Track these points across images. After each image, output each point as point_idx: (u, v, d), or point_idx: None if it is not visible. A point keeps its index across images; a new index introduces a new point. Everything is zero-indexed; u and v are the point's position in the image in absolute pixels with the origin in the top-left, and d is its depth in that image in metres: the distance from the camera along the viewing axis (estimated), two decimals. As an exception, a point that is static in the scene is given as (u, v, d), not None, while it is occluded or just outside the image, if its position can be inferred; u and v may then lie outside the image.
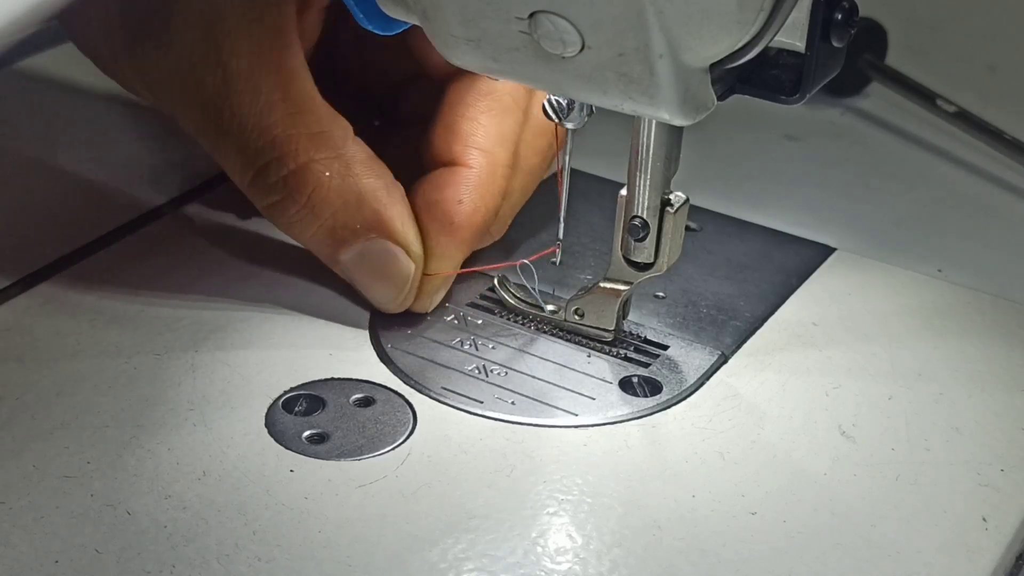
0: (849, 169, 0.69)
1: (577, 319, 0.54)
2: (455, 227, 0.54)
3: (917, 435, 0.50)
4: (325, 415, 0.50)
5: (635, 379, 0.53)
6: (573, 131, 0.51)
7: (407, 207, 0.54)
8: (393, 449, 0.49)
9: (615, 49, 0.42)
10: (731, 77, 0.45)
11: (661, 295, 0.57)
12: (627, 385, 0.52)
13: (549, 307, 0.55)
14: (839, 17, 0.44)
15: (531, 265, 0.55)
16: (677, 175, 0.50)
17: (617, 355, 0.54)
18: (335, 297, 0.56)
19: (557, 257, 0.54)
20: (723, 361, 0.54)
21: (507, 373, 0.53)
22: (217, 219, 0.61)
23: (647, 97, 0.43)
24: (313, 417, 0.50)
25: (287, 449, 0.48)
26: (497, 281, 0.56)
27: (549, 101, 0.49)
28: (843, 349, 0.55)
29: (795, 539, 0.46)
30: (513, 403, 0.51)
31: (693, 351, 0.54)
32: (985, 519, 0.47)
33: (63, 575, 0.43)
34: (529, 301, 0.56)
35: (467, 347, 0.54)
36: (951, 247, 0.63)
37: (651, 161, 0.50)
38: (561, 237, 0.54)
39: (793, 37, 0.45)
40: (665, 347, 0.54)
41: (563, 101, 0.49)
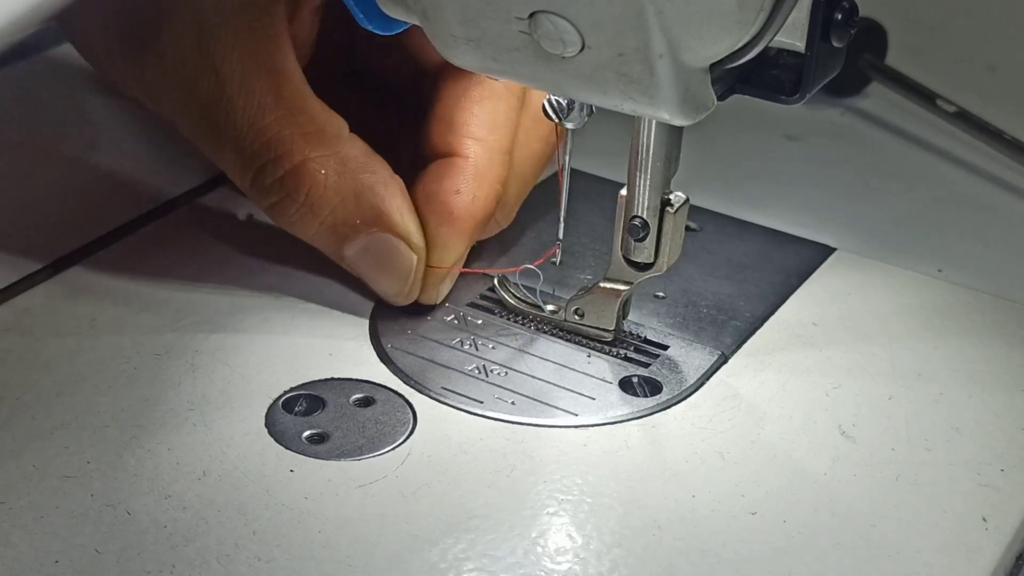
0: (849, 169, 0.69)
1: (577, 319, 0.54)
2: (454, 217, 0.54)
3: (917, 435, 0.50)
4: (325, 415, 0.50)
5: (635, 379, 0.53)
6: (573, 131, 0.51)
7: (406, 200, 0.54)
8: (393, 449, 0.49)
9: (615, 49, 0.42)
10: (731, 77, 0.45)
11: (661, 295, 0.57)
12: (627, 385, 0.52)
13: (549, 307, 0.55)
14: (839, 17, 0.44)
15: (537, 270, 0.55)
16: (677, 175, 0.50)
17: (617, 355, 0.54)
18: (335, 297, 0.56)
19: (557, 257, 0.55)
20: (723, 361, 0.54)
21: (507, 373, 0.53)
22: (216, 220, 0.61)
23: (647, 97, 0.43)
24: (313, 417, 0.50)
25: (287, 449, 0.48)
26: (497, 281, 0.56)
27: (549, 101, 0.50)
28: (843, 349, 0.55)
29: (795, 539, 0.46)
30: (513, 403, 0.51)
31: (693, 351, 0.54)
32: (985, 519, 0.47)
33: (63, 575, 0.43)
34: (529, 301, 0.56)
35: (467, 347, 0.54)
36: (951, 247, 0.63)
37: (651, 161, 0.50)
38: (561, 237, 0.54)
39: (793, 37, 0.45)
40: (665, 347, 0.54)
41: (563, 101, 0.49)
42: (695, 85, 0.43)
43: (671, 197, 0.51)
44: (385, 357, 0.53)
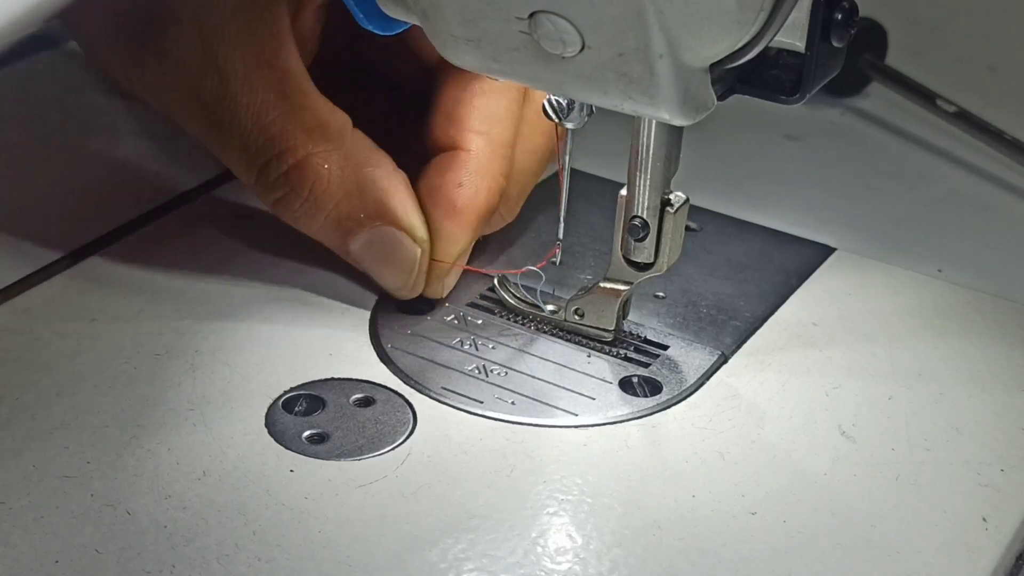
0: (849, 169, 0.69)
1: (577, 319, 0.54)
2: (458, 210, 0.55)
3: (917, 435, 0.50)
4: (325, 415, 0.50)
5: (635, 379, 0.53)
6: (573, 131, 0.51)
7: (410, 193, 0.55)
8: (393, 449, 0.49)
9: (615, 49, 0.42)
10: (731, 77, 0.45)
11: (661, 295, 0.57)
12: (627, 385, 0.52)
13: (549, 307, 0.55)
14: (839, 17, 0.44)
15: (540, 271, 0.55)
16: (677, 175, 0.50)
17: (617, 355, 0.54)
18: (336, 297, 0.56)
19: (557, 257, 0.55)
20: (723, 361, 0.54)
21: (507, 373, 0.53)
22: (216, 220, 0.61)
23: (647, 97, 0.43)
24: (313, 417, 0.50)
25: (287, 449, 0.48)
26: (497, 281, 0.56)
27: (549, 101, 0.50)
28: (843, 349, 0.55)
29: (795, 539, 0.46)
30: (513, 403, 0.51)
31: (693, 351, 0.54)
32: (985, 519, 0.47)
33: (63, 575, 0.43)
34: (529, 301, 0.56)
35: (467, 347, 0.54)
36: (951, 247, 0.63)
37: (651, 161, 0.50)
38: (561, 237, 0.54)
39: (793, 37, 0.45)
40: (665, 347, 0.54)
41: (563, 101, 0.49)
42: (695, 85, 0.43)
43: (671, 197, 0.51)
44: (385, 357, 0.53)
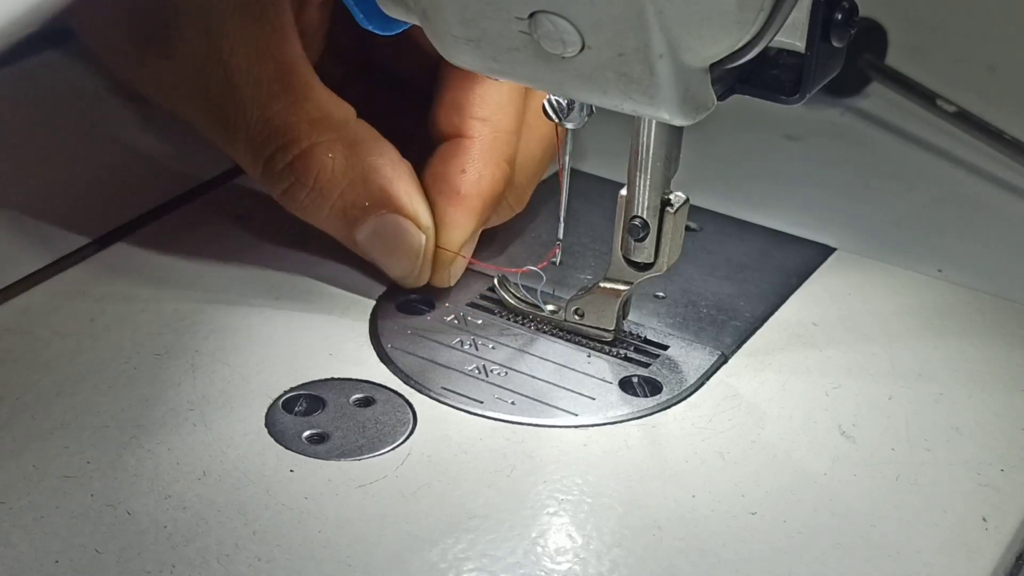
0: (849, 169, 0.69)
1: (577, 319, 0.54)
2: (461, 196, 0.55)
3: (917, 435, 0.50)
4: (325, 415, 0.50)
5: (635, 379, 0.53)
6: (573, 131, 0.51)
7: (414, 181, 0.55)
8: (393, 449, 0.49)
9: (615, 49, 0.42)
10: (731, 77, 0.45)
11: (661, 295, 0.57)
12: (627, 385, 0.52)
13: (549, 307, 0.55)
14: (839, 17, 0.44)
15: (541, 273, 0.55)
16: (677, 175, 0.50)
17: (617, 355, 0.54)
18: (335, 297, 0.56)
19: (557, 257, 0.55)
20: (723, 361, 0.54)
21: (507, 373, 0.53)
22: (217, 220, 0.61)
23: (647, 97, 0.43)
24: (313, 417, 0.50)
25: (287, 449, 0.48)
26: (497, 281, 0.56)
27: (549, 101, 0.50)
28: (843, 349, 0.55)
29: (795, 539, 0.46)
30: (513, 403, 0.51)
31: (693, 351, 0.54)
32: (985, 519, 0.47)
33: (63, 575, 0.43)
34: (529, 301, 0.56)
35: (467, 347, 0.54)
36: (951, 247, 0.63)
37: (651, 161, 0.50)
38: (561, 237, 0.54)
39: (793, 37, 0.45)
40: (665, 347, 0.54)
41: (563, 101, 0.49)
42: (695, 85, 0.43)
43: (671, 197, 0.51)
44: (385, 357, 0.53)
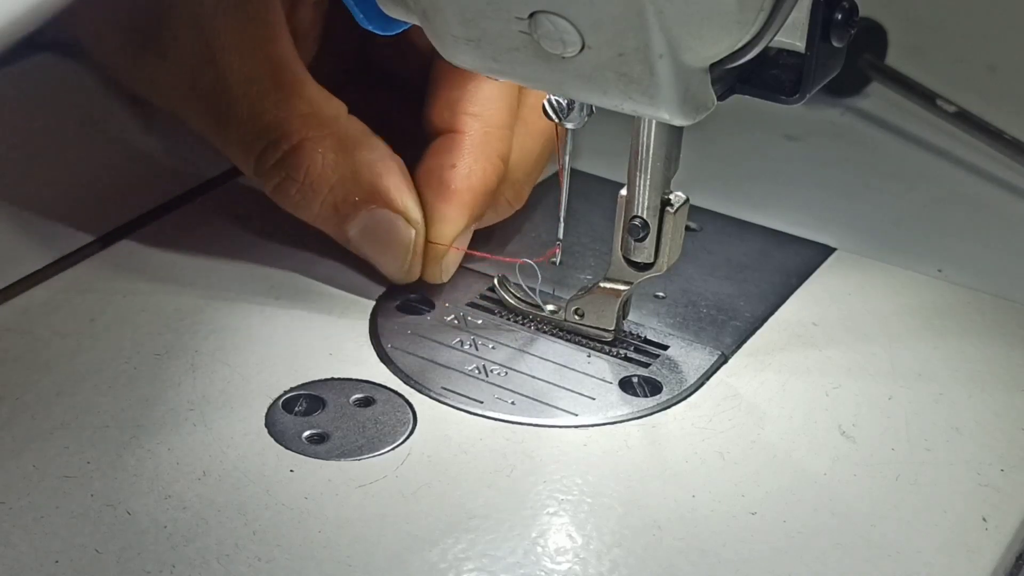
0: (849, 169, 0.69)
1: (577, 319, 0.54)
2: (451, 191, 0.55)
3: (917, 435, 0.50)
4: (325, 415, 0.50)
5: (635, 379, 0.53)
6: (573, 131, 0.51)
7: (405, 177, 0.55)
8: (393, 449, 0.49)
9: (615, 49, 0.42)
10: (731, 77, 0.45)
11: (661, 295, 0.57)
12: (627, 385, 0.52)
13: (549, 307, 0.55)
14: (839, 17, 0.44)
15: (534, 265, 0.55)
16: (677, 175, 0.50)
17: (617, 355, 0.54)
18: (336, 297, 0.56)
19: (557, 257, 0.55)
20: (723, 361, 0.54)
21: (507, 373, 0.53)
22: (217, 220, 0.61)
23: (647, 97, 0.43)
24: (313, 417, 0.50)
25: (287, 449, 0.48)
26: (497, 281, 0.56)
27: (549, 101, 0.50)
28: (843, 349, 0.55)
29: (795, 539, 0.46)
30: (513, 403, 0.51)
31: (693, 351, 0.54)
32: (985, 519, 0.47)
33: (63, 575, 0.43)
34: (529, 301, 0.56)
35: (467, 347, 0.54)
36: (951, 247, 0.63)
37: (651, 161, 0.50)
38: (561, 237, 0.54)
39: (793, 37, 0.45)
40: (665, 347, 0.54)
41: (563, 101, 0.49)
42: (695, 85, 0.43)
43: (671, 197, 0.51)
44: (385, 357, 0.53)
